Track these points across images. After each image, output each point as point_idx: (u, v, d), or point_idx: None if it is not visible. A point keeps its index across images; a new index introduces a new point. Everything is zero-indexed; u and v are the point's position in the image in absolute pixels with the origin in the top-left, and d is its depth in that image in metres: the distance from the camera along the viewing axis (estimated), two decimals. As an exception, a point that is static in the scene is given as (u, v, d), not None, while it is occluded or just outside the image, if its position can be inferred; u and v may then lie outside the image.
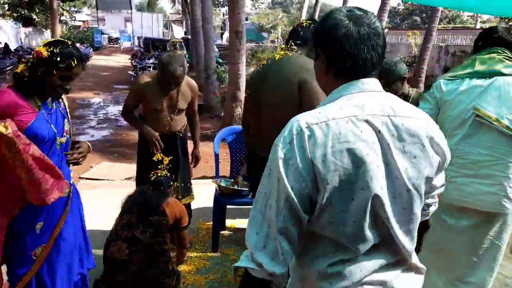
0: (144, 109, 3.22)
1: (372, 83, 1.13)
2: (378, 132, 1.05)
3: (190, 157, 3.50)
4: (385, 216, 1.06)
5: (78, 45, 23.87)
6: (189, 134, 3.51)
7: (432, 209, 1.31)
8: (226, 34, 26.04)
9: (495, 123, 2.03)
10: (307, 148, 1.03)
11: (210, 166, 6.00)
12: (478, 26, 23.77)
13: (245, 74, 8.09)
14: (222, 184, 3.42)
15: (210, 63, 10.64)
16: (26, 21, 22.64)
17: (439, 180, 1.24)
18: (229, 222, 3.89)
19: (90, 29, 33.70)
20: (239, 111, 7.89)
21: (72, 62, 1.93)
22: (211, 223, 3.52)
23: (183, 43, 20.24)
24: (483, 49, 2.20)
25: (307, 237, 1.13)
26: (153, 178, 2.76)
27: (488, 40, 2.21)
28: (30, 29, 23.23)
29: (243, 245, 4.22)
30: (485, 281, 2.26)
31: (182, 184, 3.34)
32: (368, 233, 1.06)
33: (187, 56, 16.78)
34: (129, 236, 2.35)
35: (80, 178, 5.35)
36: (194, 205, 3.63)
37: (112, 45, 33.88)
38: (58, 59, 1.89)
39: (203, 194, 4.01)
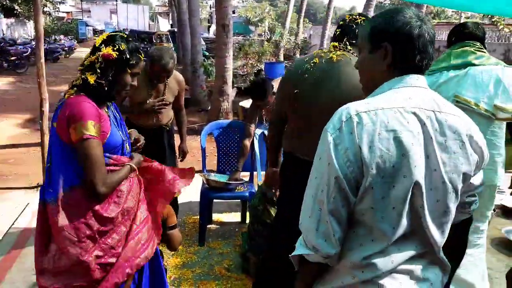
0: (131, 102, 3.19)
1: (420, 80, 1.19)
2: (423, 125, 1.10)
3: (176, 151, 3.50)
4: (420, 205, 1.10)
5: (61, 37, 23.66)
6: (176, 128, 3.50)
7: (474, 207, 1.35)
8: (213, 27, 25.89)
9: (474, 107, 2.26)
10: (355, 134, 1.07)
11: (196, 160, 5.99)
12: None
13: (232, 67, 8.07)
14: (212, 178, 3.43)
15: (197, 56, 10.57)
16: (8, 12, 22.09)
17: (477, 179, 1.28)
18: (215, 216, 3.91)
19: (75, 21, 33.12)
20: (226, 105, 7.87)
21: (140, 56, 1.80)
22: (198, 217, 3.53)
23: (169, 36, 20.03)
24: (456, 43, 2.45)
25: None
26: None
27: (461, 35, 2.47)
28: (12, 20, 22.66)
29: (229, 238, 4.21)
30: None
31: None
32: (404, 220, 1.10)
33: (173, 49, 16.65)
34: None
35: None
36: (180, 199, 3.63)
37: (97, 37, 33.32)
38: (128, 56, 1.73)
39: (189, 188, 3.98)
